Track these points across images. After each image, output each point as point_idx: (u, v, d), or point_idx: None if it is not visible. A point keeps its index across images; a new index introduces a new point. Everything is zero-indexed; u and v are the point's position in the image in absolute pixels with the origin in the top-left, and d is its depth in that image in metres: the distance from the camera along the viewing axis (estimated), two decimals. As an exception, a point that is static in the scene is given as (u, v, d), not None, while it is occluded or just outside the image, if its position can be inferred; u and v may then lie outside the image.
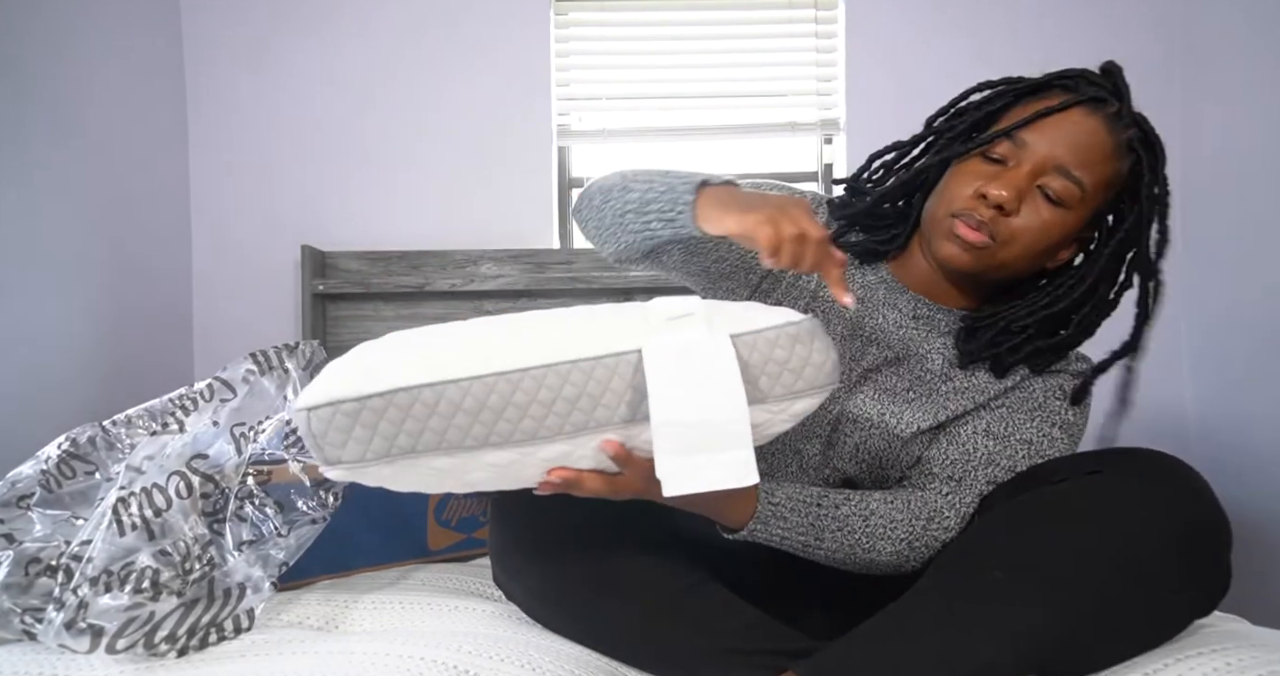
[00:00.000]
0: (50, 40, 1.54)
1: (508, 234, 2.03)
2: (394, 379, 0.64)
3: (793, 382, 0.71)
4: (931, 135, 0.92)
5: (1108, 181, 0.83)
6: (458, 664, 0.73)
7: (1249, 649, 0.73)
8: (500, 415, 0.65)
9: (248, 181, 2.03)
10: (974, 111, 0.89)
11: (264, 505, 0.91)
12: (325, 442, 0.65)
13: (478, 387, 0.65)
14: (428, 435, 0.65)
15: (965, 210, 0.83)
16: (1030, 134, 0.82)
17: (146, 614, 0.78)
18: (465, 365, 0.65)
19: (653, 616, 0.80)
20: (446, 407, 0.64)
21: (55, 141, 1.54)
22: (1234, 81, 1.82)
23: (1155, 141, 0.84)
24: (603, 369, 0.67)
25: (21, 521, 0.89)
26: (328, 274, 1.96)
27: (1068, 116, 0.82)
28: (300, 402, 0.66)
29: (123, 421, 1.02)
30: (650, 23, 2.09)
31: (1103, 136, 0.82)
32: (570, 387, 0.66)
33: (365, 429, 0.64)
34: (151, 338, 1.85)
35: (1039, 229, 0.82)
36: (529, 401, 0.65)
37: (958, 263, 0.84)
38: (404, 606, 0.93)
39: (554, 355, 0.67)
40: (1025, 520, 0.76)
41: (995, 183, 0.81)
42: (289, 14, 2.03)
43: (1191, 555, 0.71)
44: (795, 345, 0.71)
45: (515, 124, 2.04)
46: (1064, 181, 0.81)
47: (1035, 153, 0.82)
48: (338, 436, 0.64)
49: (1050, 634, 0.71)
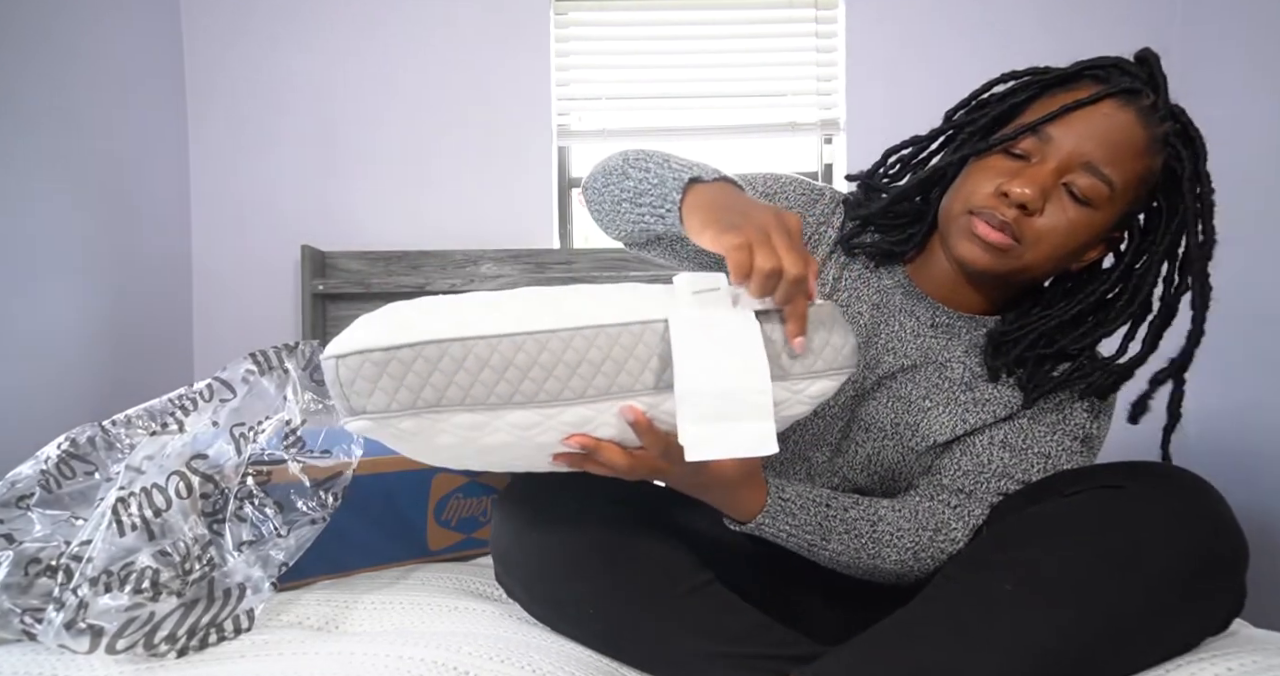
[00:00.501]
0: (50, 40, 1.54)
1: (508, 234, 2.03)
2: (424, 332, 0.65)
3: (812, 363, 0.72)
4: (951, 129, 0.86)
5: (1140, 179, 0.78)
6: (458, 664, 0.73)
7: (1250, 652, 0.72)
8: (525, 374, 0.65)
9: (248, 181, 2.03)
10: (997, 104, 0.83)
11: (264, 505, 0.91)
12: (351, 391, 0.64)
13: (505, 345, 0.65)
14: (453, 389, 0.65)
15: (985, 208, 0.78)
16: (1057, 128, 0.77)
17: (146, 614, 0.78)
18: (495, 323, 0.66)
19: (655, 618, 0.80)
20: (474, 363, 0.65)
21: (55, 142, 1.54)
22: (1234, 81, 1.82)
23: (1195, 136, 0.78)
24: (629, 335, 0.67)
25: (21, 521, 0.89)
26: (328, 274, 1.96)
27: (1098, 109, 0.76)
28: (329, 351, 0.66)
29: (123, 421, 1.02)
30: (650, 23, 2.09)
31: (1136, 131, 0.76)
32: (596, 351, 0.67)
33: (392, 379, 0.64)
34: (151, 338, 1.85)
35: (1065, 230, 0.77)
36: (554, 362, 0.66)
37: (979, 263, 0.79)
38: (404, 606, 0.93)
39: (582, 320, 0.67)
40: (1037, 532, 0.74)
41: (1018, 180, 0.76)
42: (289, 14, 2.03)
43: (1207, 578, 0.69)
44: (817, 327, 0.71)
45: (515, 124, 2.04)
46: (1092, 179, 0.76)
47: (1061, 148, 0.76)
48: (364, 385, 0.64)
49: (1056, 648, 0.69)
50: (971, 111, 0.86)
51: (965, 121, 0.86)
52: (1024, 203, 0.76)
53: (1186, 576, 0.69)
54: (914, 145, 0.90)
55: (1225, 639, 0.76)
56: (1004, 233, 0.77)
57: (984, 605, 0.71)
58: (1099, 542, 0.70)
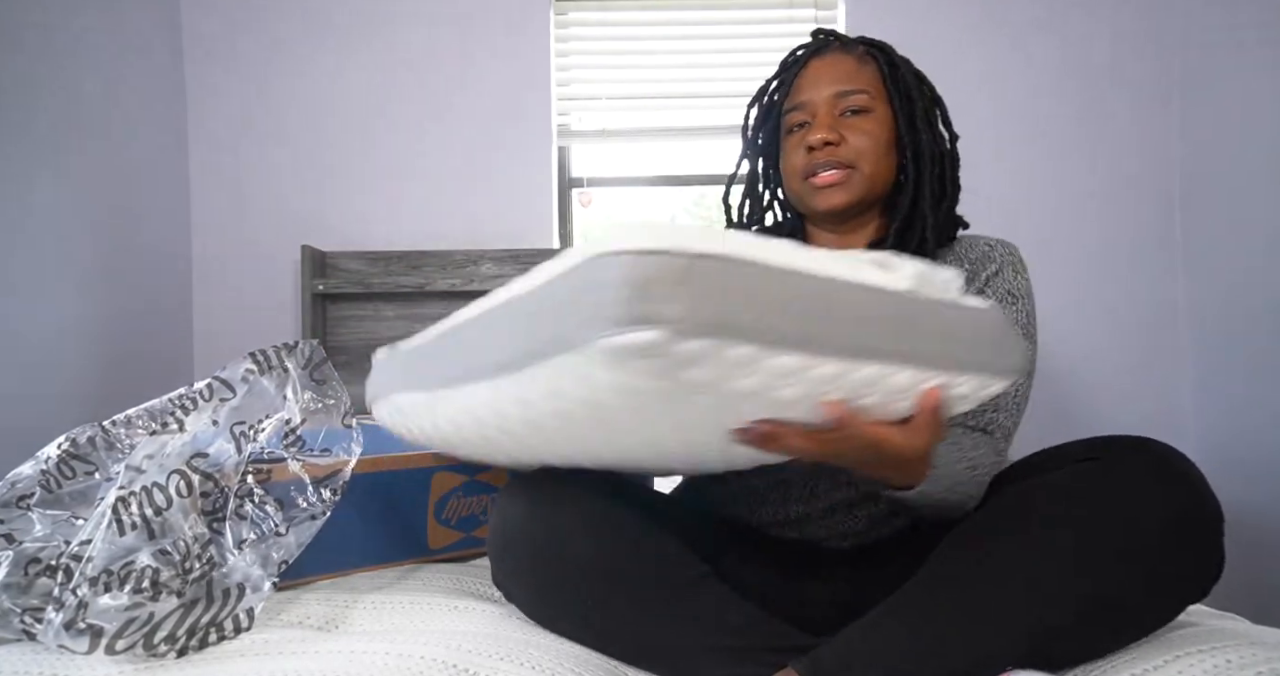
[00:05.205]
0: (50, 41, 1.54)
1: (508, 234, 2.03)
2: (736, 250, 0.56)
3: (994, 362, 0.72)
4: (749, 151, 1.09)
5: (876, 80, 1.00)
6: (458, 662, 0.73)
7: (1249, 646, 0.73)
8: (829, 315, 0.58)
9: (248, 181, 2.04)
10: (765, 123, 1.07)
11: (264, 503, 0.91)
12: (648, 293, 0.51)
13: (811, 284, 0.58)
14: (765, 319, 0.55)
15: (809, 166, 0.98)
16: (802, 94, 1.00)
17: (146, 614, 0.78)
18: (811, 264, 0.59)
19: (651, 613, 0.80)
20: (793, 298, 0.57)
21: (54, 142, 1.55)
22: (1233, 83, 1.82)
23: (880, 43, 1.04)
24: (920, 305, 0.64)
25: (21, 521, 0.89)
26: (328, 274, 1.96)
27: (810, 67, 1.01)
28: (613, 249, 0.53)
29: (123, 421, 1.01)
30: (650, 23, 2.10)
31: (844, 58, 1.01)
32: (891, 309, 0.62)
33: (700, 288, 0.53)
34: (151, 338, 1.86)
35: (870, 133, 0.97)
36: (858, 315, 0.60)
37: (839, 202, 0.97)
38: (404, 606, 0.93)
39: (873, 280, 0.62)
40: (1021, 508, 0.76)
41: (811, 134, 0.97)
42: (288, 14, 2.03)
43: (1186, 539, 0.72)
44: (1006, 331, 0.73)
45: (515, 124, 2.05)
46: (851, 97, 0.98)
47: (818, 97, 0.99)
48: (664, 290, 0.51)
49: (1048, 622, 0.71)
50: (752, 139, 1.09)
51: (753, 142, 1.09)
52: (827, 140, 0.96)
53: (1166, 539, 0.71)
54: (730, 183, 1.12)
55: (1225, 634, 0.76)
56: (835, 170, 0.97)
57: (972, 584, 0.73)
58: (1079, 514, 0.72)
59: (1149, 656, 0.73)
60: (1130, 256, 2.01)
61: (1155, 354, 2.00)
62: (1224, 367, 1.86)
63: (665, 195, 2.29)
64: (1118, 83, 2.03)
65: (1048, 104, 2.03)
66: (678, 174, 2.19)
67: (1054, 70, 2.02)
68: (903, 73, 1.01)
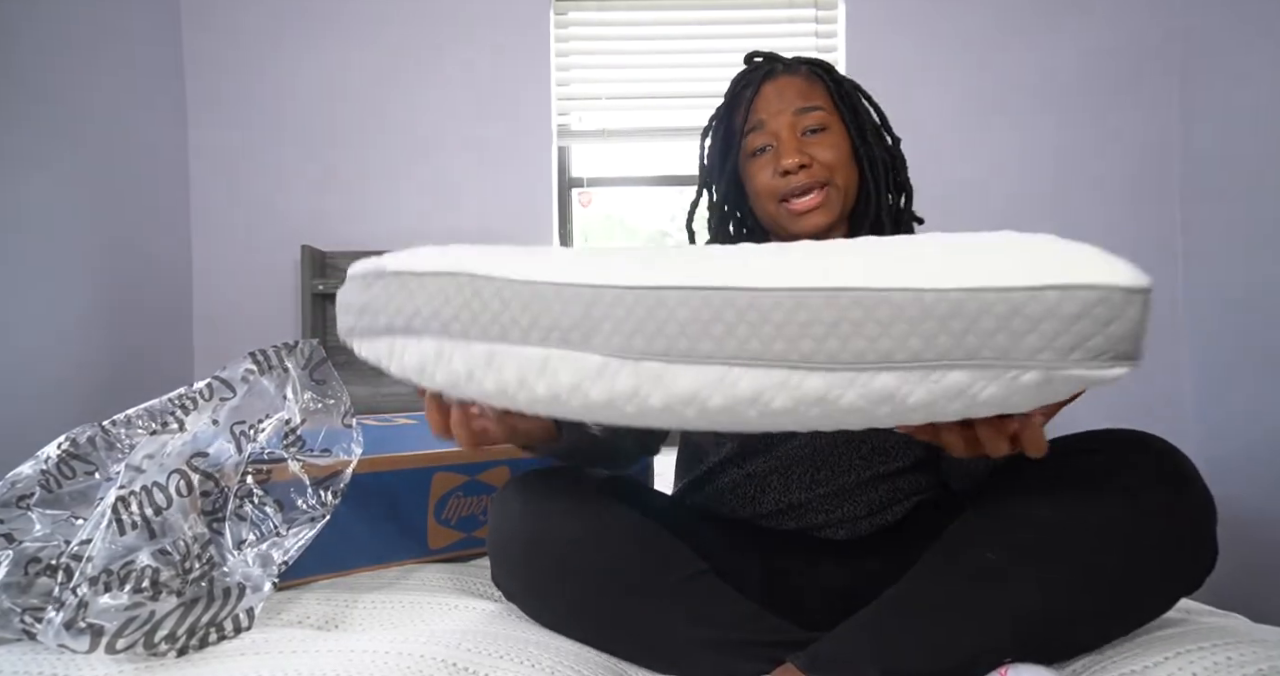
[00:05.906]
0: (49, 42, 1.54)
1: (508, 234, 2.03)
2: None
3: None
4: (711, 179, 1.07)
5: (826, 97, 1.01)
6: (458, 661, 0.73)
7: (1248, 644, 0.73)
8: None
9: (248, 181, 2.04)
10: (728, 151, 1.04)
11: (264, 504, 0.91)
12: None
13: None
14: None
15: (784, 190, 0.97)
16: (759, 115, 1.00)
17: (146, 613, 0.78)
18: None
19: (650, 610, 0.80)
20: None
21: (55, 142, 1.55)
22: (1233, 81, 1.82)
23: (821, 62, 1.05)
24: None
25: (21, 521, 0.89)
26: (328, 274, 1.96)
27: (763, 92, 1.01)
28: None
29: (123, 421, 1.02)
30: (650, 23, 2.10)
31: (793, 78, 1.01)
32: None
33: None
34: (151, 338, 1.86)
35: (834, 148, 0.98)
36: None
37: (821, 223, 0.97)
38: (404, 605, 0.93)
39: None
40: (1015, 501, 0.76)
41: (781, 158, 0.97)
42: (288, 15, 2.04)
43: (1180, 530, 0.72)
44: None
45: (515, 124, 2.05)
46: (810, 113, 0.99)
47: (777, 121, 0.99)
48: None
49: (1043, 614, 0.72)
50: (710, 163, 1.07)
51: (713, 167, 1.07)
52: (800, 164, 0.96)
53: (1160, 531, 0.71)
54: (693, 207, 1.09)
55: (1223, 632, 0.76)
56: (813, 192, 0.96)
57: (968, 576, 0.74)
58: (1074, 506, 0.73)
59: (1148, 653, 0.73)
60: (1130, 256, 2.00)
61: (1155, 353, 2.00)
62: (1224, 367, 1.86)
63: (665, 195, 2.29)
64: (1118, 83, 2.03)
65: (1047, 103, 2.03)
66: (678, 174, 2.19)
67: (1054, 70, 2.03)
68: (847, 89, 1.03)
